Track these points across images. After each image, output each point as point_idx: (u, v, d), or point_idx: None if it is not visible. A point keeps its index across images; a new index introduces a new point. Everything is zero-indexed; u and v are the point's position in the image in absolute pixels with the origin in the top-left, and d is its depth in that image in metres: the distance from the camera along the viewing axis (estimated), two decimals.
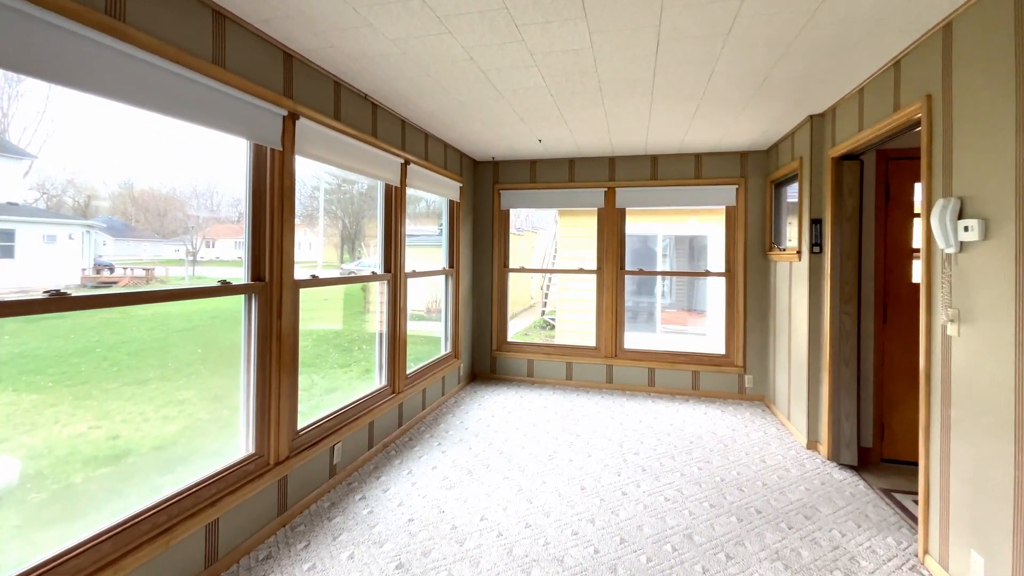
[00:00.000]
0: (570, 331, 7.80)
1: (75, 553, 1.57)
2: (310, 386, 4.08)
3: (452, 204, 4.72)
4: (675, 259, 8.21)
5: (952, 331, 1.99)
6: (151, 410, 2.46)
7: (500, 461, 3.18)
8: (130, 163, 2.13)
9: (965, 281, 1.93)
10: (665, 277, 8.38)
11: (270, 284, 2.37)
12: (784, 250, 4.03)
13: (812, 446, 3.40)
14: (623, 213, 4.94)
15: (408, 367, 3.84)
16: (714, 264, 7.41)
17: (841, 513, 2.58)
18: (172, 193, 2.45)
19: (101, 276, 2.25)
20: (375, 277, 3.49)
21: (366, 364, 3.84)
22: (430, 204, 5.19)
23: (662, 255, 8.10)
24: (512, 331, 5.45)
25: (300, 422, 2.62)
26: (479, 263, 5.29)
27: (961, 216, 1.93)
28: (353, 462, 3.02)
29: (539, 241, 12.20)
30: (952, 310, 1.99)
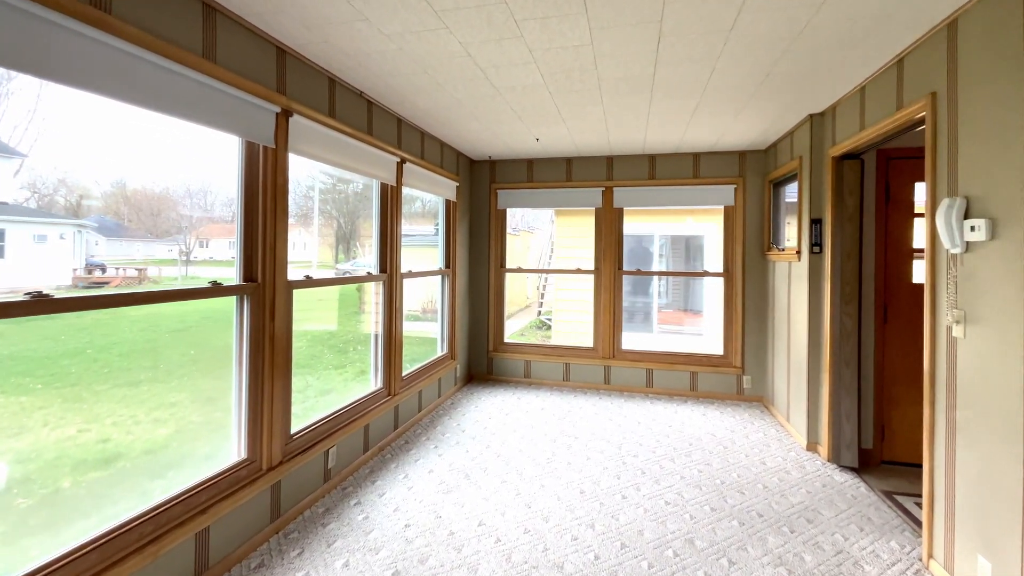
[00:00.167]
0: (566, 331, 7.77)
1: (59, 565, 1.51)
2: (304, 387, 4.02)
3: (448, 204, 4.67)
4: (671, 259, 8.19)
5: (958, 332, 1.96)
6: (142, 413, 2.42)
7: (498, 464, 3.14)
8: (123, 162, 2.10)
9: (971, 282, 1.90)
10: (661, 277, 8.36)
11: (263, 285, 2.32)
12: (783, 250, 4.00)
13: (812, 447, 3.38)
14: (621, 213, 4.90)
15: (404, 368, 3.79)
16: (711, 264, 7.40)
17: (843, 516, 2.55)
18: (165, 192, 2.42)
19: (93, 276, 2.20)
20: (371, 278, 3.43)
21: (361, 365, 3.79)
22: (426, 204, 5.14)
23: (658, 255, 8.08)
24: (508, 331, 5.40)
25: (294, 425, 2.57)
26: (476, 263, 5.24)
27: (967, 216, 1.90)
28: (348, 466, 2.97)
29: (535, 241, 12.16)
30: (958, 311, 1.96)
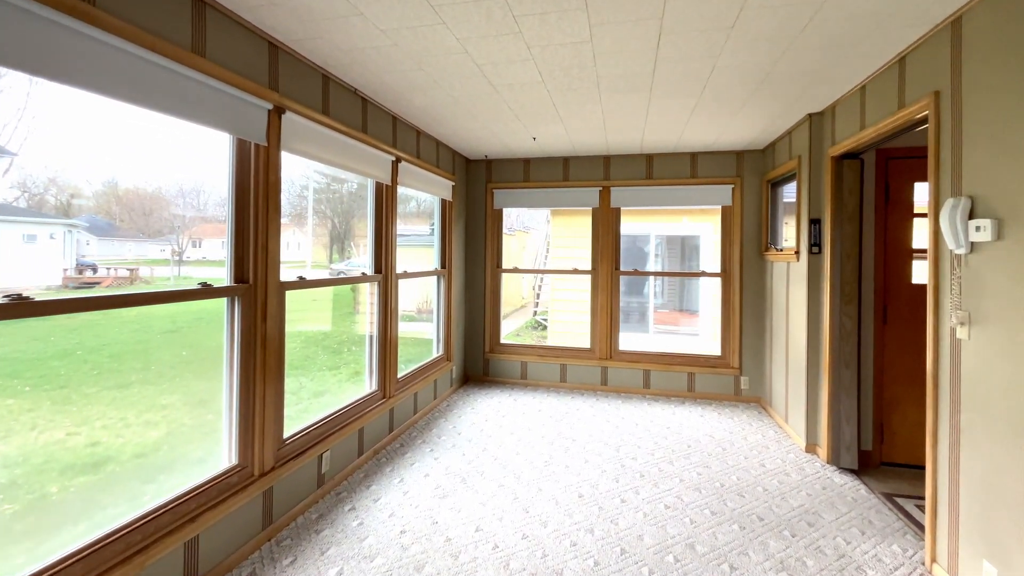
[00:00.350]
0: (561, 331, 7.73)
1: None
2: (298, 389, 3.96)
3: (444, 203, 4.62)
4: (666, 259, 8.17)
5: (962, 334, 1.93)
6: (133, 415, 2.37)
7: (495, 468, 3.09)
8: (115, 161, 2.05)
9: (976, 283, 1.87)
10: (657, 277, 8.34)
11: (254, 286, 2.26)
12: (781, 250, 3.98)
13: (811, 449, 3.36)
14: (618, 213, 4.87)
15: (399, 370, 3.74)
16: (707, 264, 7.39)
17: (844, 519, 2.53)
18: (158, 192, 2.37)
19: (83, 276, 2.16)
20: (365, 278, 3.37)
21: (356, 366, 3.73)
22: (421, 203, 5.08)
23: (654, 255, 8.06)
24: (503, 332, 5.35)
25: (287, 429, 2.51)
26: (472, 263, 5.19)
27: (972, 216, 1.88)
28: (342, 471, 2.91)
29: (531, 241, 12.12)
30: (962, 312, 1.93)
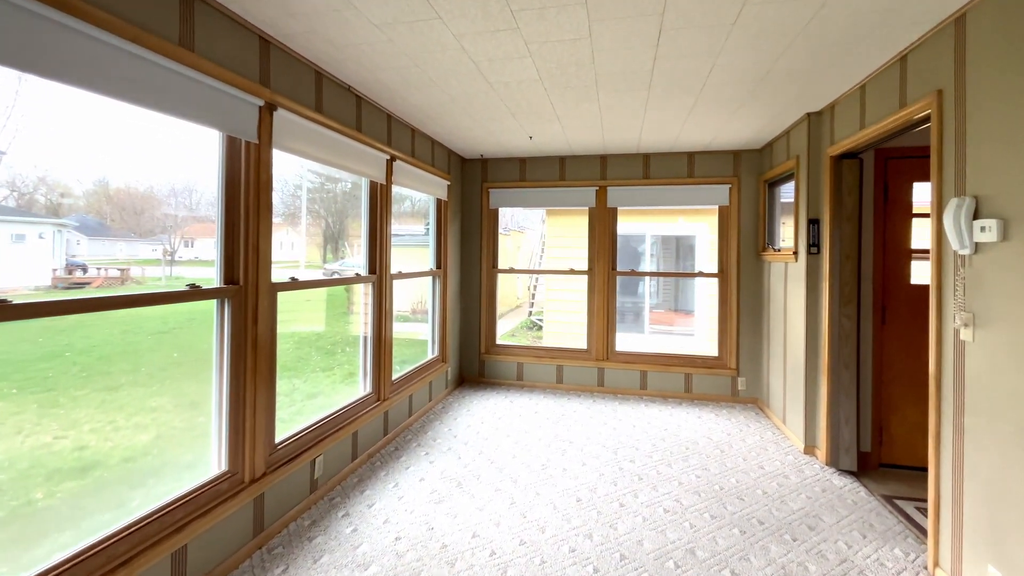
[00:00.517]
0: (557, 332, 7.70)
1: None
2: (291, 391, 3.90)
3: (439, 203, 4.56)
4: (662, 259, 8.15)
5: (966, 335, 1.91)
6: (122, 418, 2.33)
7: (491, 471, 3.04)
8: (106, 160, 2.01)
9: (981, 284, 1.85)
10: (652, 277, 8.31)
11: (245, 288, 2.20)
12: (779, 250, 3.96)
13: (809, 451, 3.33)
14: (615, 212, 4.83)
15: (394, 372, 3.68)
16: (702, 264, 7.37)
17: (845, 523, 2.50)
18: (149, 191, 2.33)
19: (73, 277, 2.12)
20: (359, 279, 3.31)
21: (350, 367, 3.68)
22: (416, 203, 5.03)
23: (649, 255, 8.03)
24: (499, 332, 5.30)
25: (279, 433, 2.45)
26: (467, 264, 5.14)
27: (976, 216, 1.85)
28: (336, 475, 2.85)
29: (526, 241, 12.07)
30: (966, 314, 1.91)
